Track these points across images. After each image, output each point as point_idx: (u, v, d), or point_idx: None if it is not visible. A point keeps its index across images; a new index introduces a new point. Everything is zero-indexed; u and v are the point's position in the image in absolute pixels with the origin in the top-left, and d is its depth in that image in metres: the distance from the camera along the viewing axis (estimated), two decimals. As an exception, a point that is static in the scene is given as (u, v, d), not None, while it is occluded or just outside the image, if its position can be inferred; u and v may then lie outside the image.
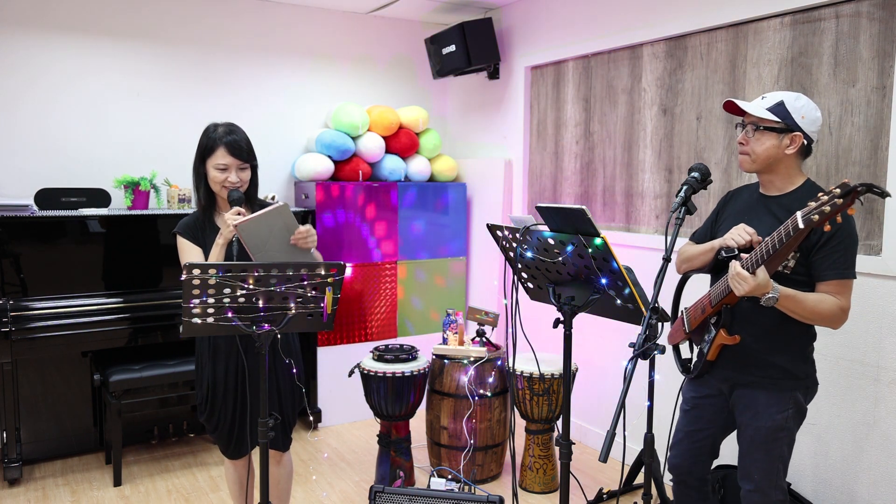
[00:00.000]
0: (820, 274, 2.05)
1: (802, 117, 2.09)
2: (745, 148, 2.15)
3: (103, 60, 3.97)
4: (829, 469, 2.83)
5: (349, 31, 4.71)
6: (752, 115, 2.11)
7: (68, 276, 3.58)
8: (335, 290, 2.09)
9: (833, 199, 1.81)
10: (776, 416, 2.12)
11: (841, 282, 2.04)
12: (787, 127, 2.08)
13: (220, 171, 2.37)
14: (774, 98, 2.11)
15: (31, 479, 3.52)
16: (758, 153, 2.12)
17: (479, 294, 4.76)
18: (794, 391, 2.14)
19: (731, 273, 1.99)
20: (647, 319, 1.92)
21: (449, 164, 4.74)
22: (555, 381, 3.35)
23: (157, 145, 4.13)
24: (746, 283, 1.95)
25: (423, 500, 2.60)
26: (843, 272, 2.03)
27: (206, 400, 2.48)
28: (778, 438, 2.14)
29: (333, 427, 4.31)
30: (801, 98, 2.10)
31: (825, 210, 1.81)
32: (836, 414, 2.80)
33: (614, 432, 1.75)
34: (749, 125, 2.14)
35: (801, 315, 2.03)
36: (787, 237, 1.89)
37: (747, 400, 2.18)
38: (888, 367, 2.64)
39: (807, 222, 1.84)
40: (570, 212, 1.92)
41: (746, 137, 2.14)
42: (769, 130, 2.09)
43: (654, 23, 3.51)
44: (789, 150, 2.10)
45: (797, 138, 2.09)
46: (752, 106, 2.12)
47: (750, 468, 2.17)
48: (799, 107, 2.09)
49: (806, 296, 2.02)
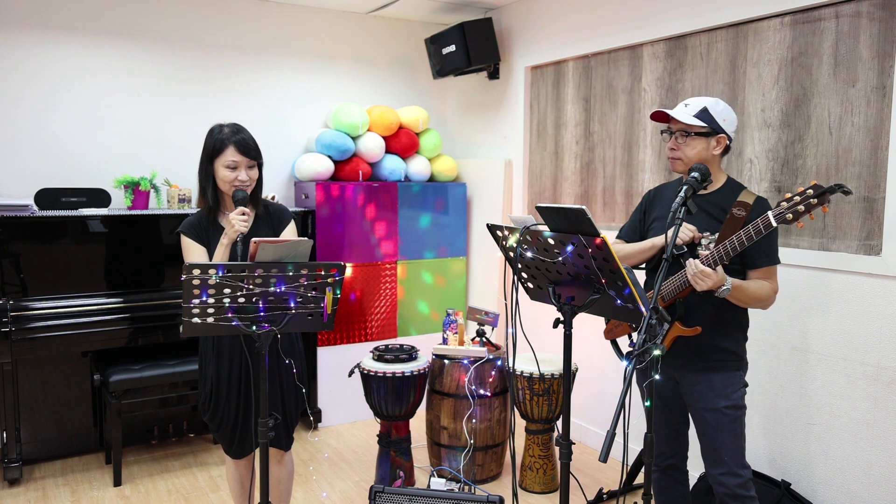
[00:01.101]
0: (753, 262, 2.24)
1: (724, 120, 2.27)
2: (676, 153, 2.31)
3: (103, 60, 3.97)
4: (830, 469, 2.83)
5: (349, 31, 4.71)
6: (681, 122, 2.27)
7: (68, 276, 3.58)
8: (335, 290, 2.09)
9: (807, 199, 2.01)
10: (733, 395, 2.28)
11: (770, 268, 2.25)
12: (712, 130, 2.26)
13: (231, 169, 2.37)
14: (697, 105, 2.28)
15: (31, 479, 3.52)
16: (690, 157, 2.28)
17: (479, 294, 4.76)
18: (740, 370, 2.33)
19: (693, 270, 2.13)
20: (647, 319, 1.92)
21: (449, 164, 4.75)
22: (555, 381, 3.35)
23: (157, 145, 4.14)
24: (710, 280, 2.11)
25: (423, 500, 2.60)
26: (772, 258, 2.25)
27: (209, 400, 2.48)
28: (738, 417, 2.29)
29: (333, 427, 4.31)
30: (720, 103, 2.28)
31: (799, 209, 2.01)
32: (836, 414, 2.80)
33: (614, 432, 1.76)
34: (678, 132, 2.30)
35: (743, 301, 2.23)
36: (757, 235, 2.07)
37: (702, 385, 2.31)
38: (888, 366, 2.64)
39: (780, 220, 2.04)
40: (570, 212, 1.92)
41: (677, 143, 2.30)
42: (698, 136, 2.27)
43: (654, 23, 3.51)
44: (716, 150, 2.29)
45: (722, 140, 2.28)
46: (681, 114, 2.27)
47: (719, 451, 2.29)
48: (720, 111, 2.27)
49: (749, 284, 2.21)
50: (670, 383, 2.42)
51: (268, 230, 2.49)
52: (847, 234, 2.78)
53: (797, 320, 2.91)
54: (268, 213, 2.52)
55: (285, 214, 2.55)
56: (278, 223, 2.52)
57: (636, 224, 2.54)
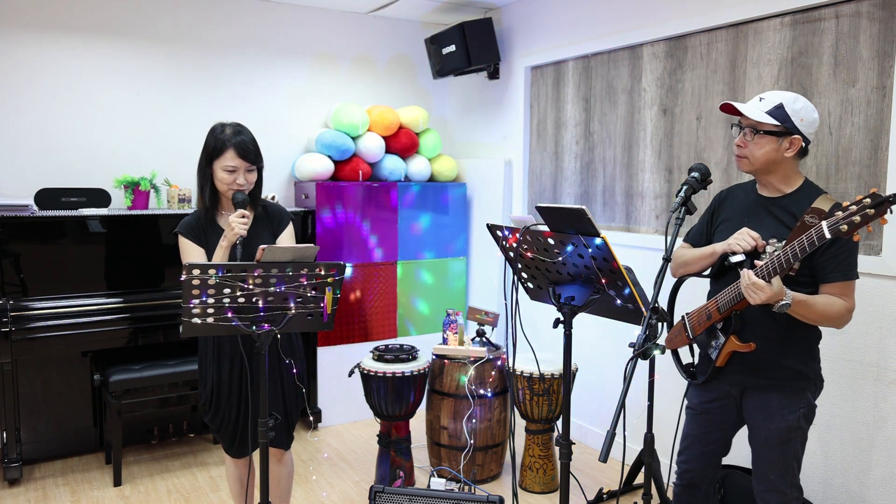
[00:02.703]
0: (825, 276, 2.04)
1: (801, 120, 2.07)
2: (743, 151, 2.13)
3: (103, 60, 3.97)
4: (830, 469, 2.83)
5: (349, 31, 4.71)
6: (751, 118, 2.09)
7: (68, 276, 3.58)
8: (335, 289, 2.09)
9: (864, 210, 1.77)
10: (789, 416, 2.12)
11: (846, 283, 2.04)
12: (786, 130, 2.06)
13: (229, 172, 2.35)
14: (773, 100, 2.08)
15: (31, 479, 3.52)
16: (756, 156, 2.10)
17: (479, 294, 4.76)
18: (805, 391, 2.15)
19: (746, 282, 1.96)
20: (647, 319, 1.92)
21: (449, 164, 4.74)
22: (555, 381, 3.35)
23: (157, 145, 4.14)
24: (763, 293, 1.93)
25: (423, 500, 2.60)
26: (848, 273, 2.03)
27: (209, 399, 2.48)
28: (791, 439, 2.14)
29: (333, 427, 4.31)
30: (800, 100, 2.08)
31: (855, 220, 1.78)
32: (837, 414, 2.80)
33: (614, 432, 1.75)
34: (747, 128, 2.11)
35: (810, 319, 2.03)
36: (810, 247, 1.87)
37: (759, 403, 2.17)
38: (889, 366, 2.63)
39: (834, 232, 1.81)
40: (570, 212, 1.92)
41: (744, 140, 2.12)
42: (768, 134, 2.07)
43: (654, 23, 3.50)
44: (788, 152, 2.09)
45: (796, 141, 2.08)
46: (751, 109, 2.09)
47: (765, 470, 2.17)
48: (798, 109, 2.07)
49: (815, 300, 2.01)
50: (726, 400, 2.27)
51: (266, 231, 2.49)
52: (847, 234, 2.78)
53: (797, 320, 2.91)
54: (266, 213, 2.52)
55: (284, 216, 2.55)
56: (277, 224, 2.52)
57: (703, 227, 2.35)
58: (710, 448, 2.34)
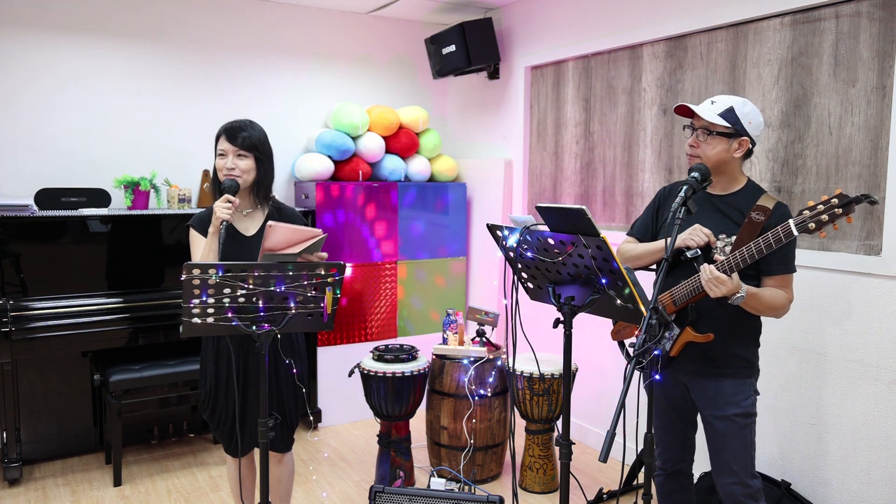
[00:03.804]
0: (769, 269, 2.17)
1: (749, 122, 2.18)
2: (696, 151, 2.23)
3: (103, 60, 3.97)
4: (829, 469, 2.83)
5: (349, 31, 4.71)
6: (705, 119, 2.18)
7: (68, 276, 3.58)
8: (335, 289, 2.09)
9: (832, 209, 1.93)
10: (743, 402, 2.23)
11: (787, 276, 2.19)
12: (736, 132, 2.17)
13: (221, 157, 2.42)
14: (724, 103, 2.19)
15: (31, 479, 3.52)
16: (708, 156, 2.20)
17: (479, 294, 4.76)
18: (751, 377, 2.28)
19: (708, 276, 2.07)
20: (647, 320, 1.92)
21: (449, 164, 4.74)
22: (555, 381, 3.35)
23: (157, 145, 4.14)
24: (724, 287, 2.05)
25: (423, 500, 2.60)
26: (788, 267, 2.18)
27: (208, 398, 2.50)
28: (748, 425, 2.23)
29: (333, 427, 4.31)
30: (748, 104, 2.20)
31: (822, 219, 1.94)
32: (836, 414, 2.80)
33: (614, 432, 1.75)
34: (700, 129, 2.21)
35: (757, 310, 2.16)
36: (776, 243, 2.02)
37: (713, 392, 2.26)
38: (888, 367, 2.64)
39: (802, 230, 1.97)
40: (570, 212, 1.92)
41: (697, 141, 2.22)
42: (720, 135, 2.18)
43: (654, 23, 3.51)
44: (737, 153, 2.20)
45: (744, 142, 2.19)
46: (705, 111, 2.19)
47: (728, 460, 2.24)
48: (747, 112, 2.18)
49: (763, 292, 2.14)
50: (680, 388, 2.37)
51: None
52: (847, 235, 2.78)
53: (797, 321, 2.91)
54: (280, 214, 2.54)
55: (296, 218, 2.57)
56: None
57: (648, 222, 2.46)
58: (680, 434, 2.44)
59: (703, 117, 2.19)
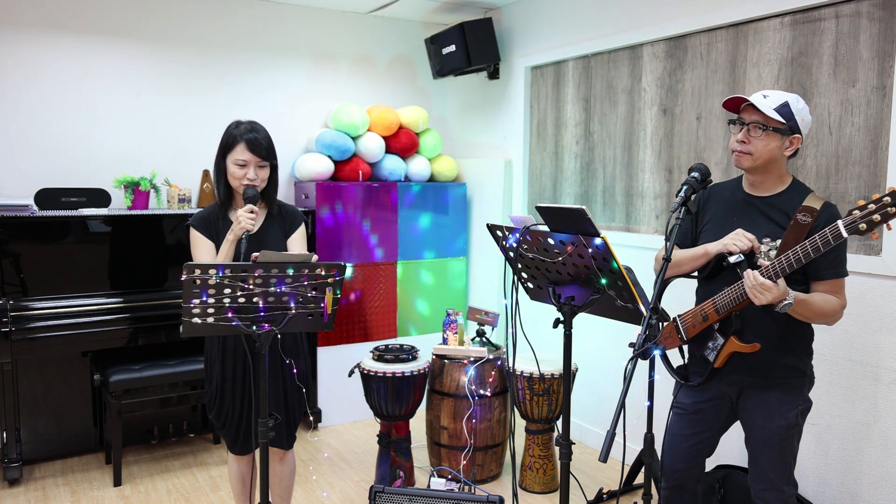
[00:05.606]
0: (818, 274, 2.06)
1: (802, 120, 2.09)
2: (746, 147, 2.11)
3: (103, 60, 3.97)
4: (829, 469, 2.83)
5: (349, 31, 4.71)
6: (762, 113, 2.08)
7: (68, 276, 3.58)
8: (335, 290, 2.09)
9: (884, 208, 1.78)
10: (788, 414, 2.13)
11: (838, 280, 2.06)
12: (790, 129, 2.07)
13: (240, 167, 2.40)
14: (778, 98, 2.08)
15: (31, 479, 3.52)
16: (761, 153, 2.09)
17: (479, 294, 4.76)
18: (802, 388, 2.17)
19: (752, 283, 1.96)
20: (647, 319, 1.92)
21: (449, 164, 4.74)
22: (555, 381, 3.35)
23: (157, 145, 4.14)
24: (770, 293, 1.94)
25: (423, 500, 2.60)
26: (839, 271, 2.06)
27: (214, 397, 2.51)
28: (790, 436, 2.15)
29: (333, 427, 4.31)
30: (800, 100, 2.11)
31: (874, 219, 1.80)
32: (837, 414, 2.80)
33: (614, 432, 1.75)
34: (753, 124, 2.09)
35: (807, 317, 2.05)
36: (825, 246, 1.88)
37: (758, 401, 2.17)
38: (888, 366, 2.64)
39: (852, 231, 1.83)
40: (570, 212, 1.92)
41: (749, 136, 2.10)
42: (776, 131, 2.07)
43: (654, 23, 3.51)
44: (787, 151, 2.11)
45: (796, 140, 2.10)
46: (761, 104, 2.08)
47: (764, 468, 2.17)
48: (800, 109, 2.09)
49: (814, 298, 2.02)
50: (718, 401, 2.26)
51: (279, 231, 2.52)
52: (847, 234, 2.77)
53: (797, 320, 2.91)
54: (281, 214, 2.55)
55: (297, 217, 2.58)
56: (290, 225, 2.55)
57: (689, 227, 2.33)
58: (697, 448, 2.34)
59: (761, 110, 2.07)
